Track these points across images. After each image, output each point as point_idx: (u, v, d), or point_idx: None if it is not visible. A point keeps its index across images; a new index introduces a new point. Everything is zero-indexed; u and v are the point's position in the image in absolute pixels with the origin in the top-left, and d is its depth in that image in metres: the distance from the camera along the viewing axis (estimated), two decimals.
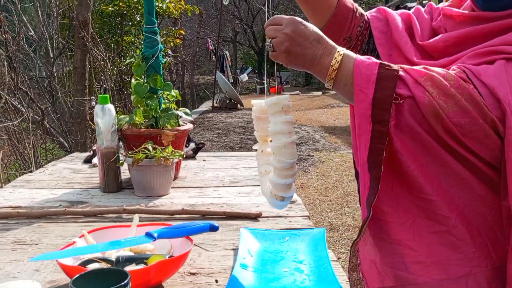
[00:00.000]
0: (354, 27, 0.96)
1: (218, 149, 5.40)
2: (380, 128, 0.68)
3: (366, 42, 0.97)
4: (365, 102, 0.69)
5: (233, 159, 2.09)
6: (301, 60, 0.77)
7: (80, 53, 4.52)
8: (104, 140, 1.47)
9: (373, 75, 0.69)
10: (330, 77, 0.74)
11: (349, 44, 0.97)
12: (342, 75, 0.73)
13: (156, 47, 1.56)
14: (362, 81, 0.70)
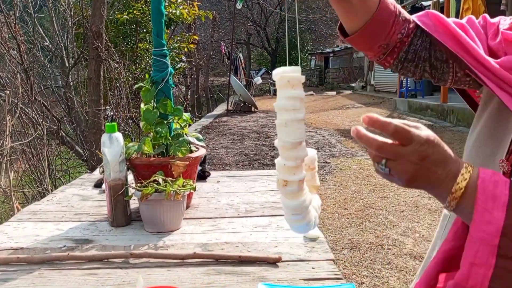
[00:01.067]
0: (394, 33, 0.83)
1: (233, 156, 5.32)
2: (508, 267, 0.54)
3: (405, 51, 0.86)
4: (492, 226, 0.55)
5: (248, 179, 2.00)
6: (422, 184, 0.62)
7: (95, 64, 4.49)
8: (111, 171, 1.39)
9: (504, 196, 0.56)
10: (450, 205, 0.60)
11: (384, 51, 0.86)
12: (464, 199, 0.59)
13: (165, 71, 1.48)
14: (488, 200, 0.56)
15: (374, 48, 0.86)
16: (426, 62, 0.86)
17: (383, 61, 0.89)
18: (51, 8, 5.43)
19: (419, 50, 0.86)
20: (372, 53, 0.88)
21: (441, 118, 8.81)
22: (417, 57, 0.86)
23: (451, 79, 0.86)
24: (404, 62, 0.87)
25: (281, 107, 0.78)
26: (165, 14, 5.03)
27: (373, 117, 0.61)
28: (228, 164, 4.87)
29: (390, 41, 0.84)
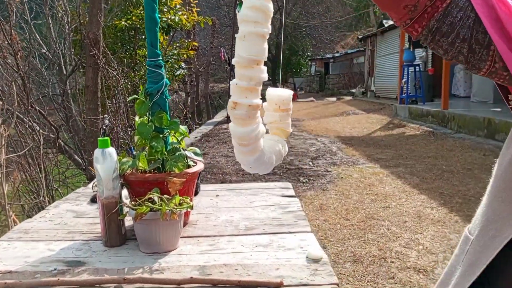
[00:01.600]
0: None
1: (233, 165, 5.26)
2: None
3: (438, 19, 0.72)
4: None
5: (248, 193, 1.94)
6: None
7: (92, 72, 4.44)
8: (104, 188, 1.33)
9: None
10: None
11: (412, 15, 0.72)
12: None
13: (161, 82, 1.42)
14: None
15: (399, 9, 0.72)
16: (465, 43, 0.72)
17: (409, 29, 0.75)
18: (48, 15, 5.39)
19: (458, 25, 0.71)
20: (396, 16, 0.74)
21: (442, 125, 8.76)
22: (454, 34, 0.72)
23: (487, 69, 0.73)
24: (436, 35, 0.73)
25: (242, 18, 0.70)
26: (164, 21, 4.96)
27: None
28: (228, 173, 4.81)
29: (419, 2, 0.70)
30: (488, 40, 0.70)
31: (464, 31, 0.71)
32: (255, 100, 0.75)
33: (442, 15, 0.71)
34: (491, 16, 0.69)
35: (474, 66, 0.74)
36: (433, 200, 3.84)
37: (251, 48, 0.70)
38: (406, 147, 6.83)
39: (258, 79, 0.74)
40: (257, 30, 0.70)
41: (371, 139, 8.02)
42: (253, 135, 0.76)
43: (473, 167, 5.07)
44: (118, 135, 4.63)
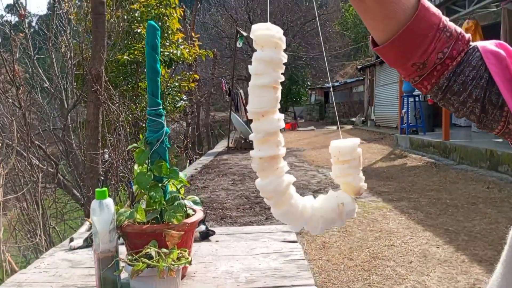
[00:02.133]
0: (434, 51, 0.67)
1: (234, 199, 5.19)
2: None
3: (448, 77, 0.69)
4: None
5: (249, 238, 1.89)
6: None
7: (93, 107, 4.44)
8: (101, 242, 1.29)
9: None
10: None
11: (420, 73, 0.70)
12: None
13: (161, 131, 1.40)
14: None
15: (407, 66, 0.70)
16: (477, 103, 0.69)
17: (418, 85, 0.73)
18: (51, 50, 5.45)
19: (470, 84, 0.69)
20: (405, 72, 0.72)
21: (444, 156, 8.72)
22: (466, 93, 0.69)
23: (500, 129, 0.71)
24: (447, 93, 0.71)
25: (250, 71, 0.69)
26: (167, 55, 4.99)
27: None
28: (229, 208, 4.74)
29: (428, 60, 0.68)
30: (502, 101, 0.68)
31: (477, 91, 0.68)
32: (264, 153, 0.72)
33: (453, 73, 0.69)
34: (505, 76, 0.66)
35: (486, 126, 0.72)
36: (439, 237, 3.76)
37: (253, 101, 0.69)
38: (408, 179, 6.77)
39: (266, 131, 0.71)
40: (257, 82, 0.68)
41: (373, 170, 7.97)
42: (271, 188, 0.72)
43: (478, 201, 5.00)
44: (118, 169, 4.59)
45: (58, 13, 5.67)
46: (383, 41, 0.70)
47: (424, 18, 0.66)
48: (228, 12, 24.15)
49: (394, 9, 0.66)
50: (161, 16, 6.72)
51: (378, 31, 0.70)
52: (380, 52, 0.72)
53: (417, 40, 0.67)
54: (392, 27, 0.68)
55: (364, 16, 0.70)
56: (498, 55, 0.68)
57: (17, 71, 5.30)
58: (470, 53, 0.69)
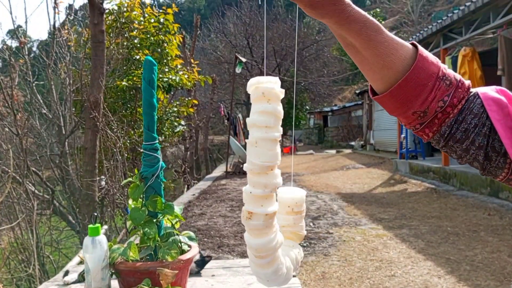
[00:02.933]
0: (434, 100, 0.67)
1: (231, 227, 5.12)
2: None
3: (449, 125, 0.68)
4: None
5: (246, 272, 1.84)
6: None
7: (91, 134, 4.43)
8: (92, 280, 1.25)
9: None
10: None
11: (422, 120, 0.69)
12: None
13: (156, 165, 1.37)
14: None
15: (407, 115, 0.69)
16: (480, 150, 0.68)
17: (420, 132, 0.72)
18: (50, 77, 5.47)
19: (472, 132, 0.68)
20: (405, 120, 0.72)
21: (444, 181, 8.68)
22: (469, 141, 0.68)
23: (504, 176, 0.70)
24: (449, 141, 0.70)
25: (252, 123, 0.66)
26: (166, 81, 5.01)
27: None
28: (226, 236, 4.67)
29: (428, 108, 0.67)
30: (505, 149, 0.67)
31: (480, 138, 0.68)
32: (271, 208, 0.70)
33: (454, 121, 0.68)
34: (506, 124, 0.65)
35: (490, 173, 0.71)
36: (440, 267, 3.69)
37: (264, 154, 0.67)
38: (408, 205, 6.71)
39: (273, 186, 0.69)
40: (269, 135, 0.67)
41: (373, 196, 7.91)
42: (271, 246, 0.70)
43: (479, 228, 4.94)
44: (114, 196, 4.55)
45: (57, 40, 5.72)
46: (381, 91, 0.70)
47: (423, 68, 0.66)
48: (227, 38, 24.46)
49: (392, 60, 0.66)
50: (161, 42, 6.78)
51: (376, 81, 0.70)
52: (379, 101, 0.71)
53: (417, 89, 0.66)
54: (390, 77, 0.67)
55: (361, 66, 0.69)
56: (499, 102, 0.67)
57: (16, 97, 5.31)
58: (471, 100, 0.69)
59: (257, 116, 0.67)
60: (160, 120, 7.02)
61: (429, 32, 9.37)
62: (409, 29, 29.11)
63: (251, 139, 0.67)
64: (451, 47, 9.17)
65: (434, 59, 0.68)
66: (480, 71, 8.16)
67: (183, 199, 7.74)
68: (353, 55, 0.69)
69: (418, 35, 10.14)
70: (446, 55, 9.12)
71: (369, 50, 0.66)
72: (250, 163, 0.67)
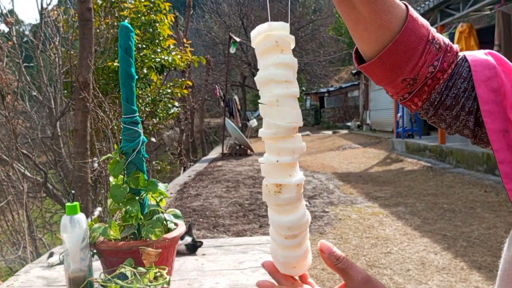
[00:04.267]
0: (424, 65, 0.63)
1: (227, 207, 5.09)
2: None
3: (439, 92, 0.65)
4: None
5: (238, 250, 1.79)
6: None
7: (81, 115, 4.34)
8: (71, 261, 1.19)
9: None
10: None
11: (411, 89, 0.65)
12: None
13: (137, 140, 1.30)
14: None
15: (396, 83, 0.65)
16: (471, 115, 0.64)
17: (408, 102, 0.68)
18: (39, 58, 5.35)
19: (462, 97, 0.64)
20: (393, 90, 0.67)
21: (440, 160, 8.66)
22: (459, 106, 0.64)
23: None
24: (439, 108, 0.66)
25: (269, 79, 0.56)
26: (158, 61, 4.87)
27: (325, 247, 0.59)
28: (222, 216, 4.63)
29: (418, 74, 0.63)
30: None
31: (469, 103, 0.64)
32: (300, 176, 0.60)
33: (445, 87, 0.64)
34: (491, 86, 0.61)
35: (482, 140, 0.67)
36: (436, 243, 3.67)
37: (289, 113, 0.57)
38: (405, 183, 6.69)
39: (300, 150, 0.60)
40: (291, 91, 0.58)
41: (369, 175, 7.89)
42: (304, 221, 0.59)
43: (475, 205, 4.92)
44: (108, 178, 4.48)
45: (46, 20, 5.57)
46: (372, 55, 0.65)
47: (414, 30, 0.62)
48: (222, 19, 24.13)
49: (389, 19, 0.61)
50: (152, 22, 6.63)
51: (369, 44, 0.64)
52: (368, 68, 0.66)
53: (407, 53, 0.62)
54: (386, 38, 0.62)
55: (355, 26, 0.63)
56: (486, 63, 0.63)
57: (4, 79, 5.19)
58: (460, 64, 0.65)
59: (273, 69, 0.57)
60: (153, 101, 6.93)
61: (426, 8, 9.22)
62: None
63: (271, 98, 0.57)
64: (448, 24, 9.04)
65: (424, 21, 0.64)
66: (477, 47, 8.04)
67: (178, 180, 7.70)
68: (348, 12, 0.62)
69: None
70: (443, 32, 8.99)
71: (367, 6, 0.60)
72: (274, 126, 0.57)
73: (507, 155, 0.58)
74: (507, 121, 0.58)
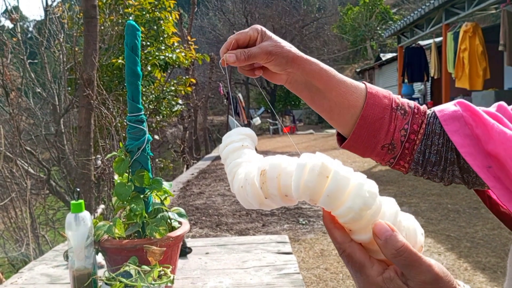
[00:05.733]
0: (396, 130, 0.71)
1: (230, 205, 5.08)
2: None
3: (421, 152, 0.71)
4: None
5: (241, 249, 1.79)
6: None
7: (85, 112, 4.34)
8: (76, 259, 1.19)
9: None
10: None
11: (393, 154, 0.72)
12: None
13: (142, 139, 1.30)
14: None
15: (377, 151, 0.73)
16: (454, 165, 0.71)
17: (396, 166, 0.75)
18: (43, 55, 5.36)
19: (443, 151, 0.70)
20: (379, 158, 0.74)
21: None
22: (442, 160, 0.70)
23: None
24: (426, 166, 0.72)
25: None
26: (162, 58, 4.86)
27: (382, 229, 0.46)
28: (225, 214, 4.63)
29: (393, 139, 0.71)
30: None
31: (450, 154, 0.70)
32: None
33: (425, 147, 0.71)
34: (464, 133, 0.66)
35: (475, 183, 0.72)
36: (440, 244, 3.65)
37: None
38: (408, 183, 6.67)
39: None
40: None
41: (372, 174, 7.87)
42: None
43: (479, 205, 4.90)
44: (111, 175, 4.49)
45: (50, 17, 5.58)
46: (347, 133, 0.74)
47: (375, 104, 0.70)
48: (226, 16, 24.09)
49: (355, 98, 0.71)
50: (156, 19, 6.63)
51: (347, 125, 0.73)
52: (349, 145, 0.74)
53: (376, 123, 0.70)
54: (352, 116, 0.72)
55: (331, 114, 0.73)
56: (454, 114, 0.68)
57: (8, 75, 5.20)
58: (432, 122, 0.72)
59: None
60: (157, 99, 6.92)
61: (431, 7, 9.17)
62: (411, 6, 28.65)
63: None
64: (453, 23, 8.99)
65: (385, 92, 0.72)
66: (482, 46, 8.00)
67: (181, 178, 7.70)
68: (322, 103, 0.72)
69: (420, 11, 9.94)
70: (448, 31, 8.95)
71: (333, 91, 0.70)
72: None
73: (501, 186, 0.61)
74: (487, 159, 0.62)
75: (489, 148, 0.61)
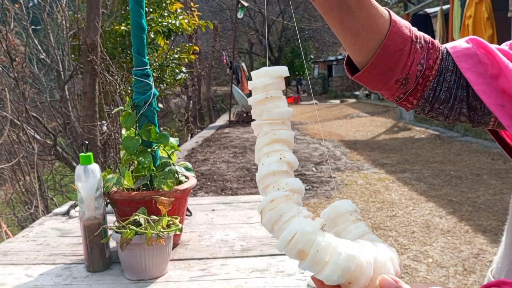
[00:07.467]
0: (413, 64, 0.68)
1: (234, 172, 5.14)
2: None
3: (432, 88, 0.69)
4: None
5: (247, 206, 1.83)
6: None
7: (89, 78, 4.34)
8: (86, 209, 1.22)
9: None
10: None
11: (405, 89, 0.70)
12: None
13: (148, 93, 1.31)
14: None
15: (390, 85, 0.70)
16: (463, 103, 0.70)
17: (404, 102, 0.73)
18: (46, 21, 5.31)
19: (453, 88, 0.69)
20: (389, 92, 0.72)
21: (448, 128, 8.61)
22: (452, 97, 0.69)
23: (494, 121, 0.70)
24: (435, 103, 0.70)
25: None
26: (165, 25, 4.81)
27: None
28: (229, 180, 4.69)
29: (409, 73, 0.68)
30: None
31: (460, 91, 0.69)
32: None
33: (437, 83, 0.69)
34: (477, 71, 0.66)
35: (480, 122, 0.72)
36: (442, 208, 3.70)
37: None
38: (412, 151, 6.69)
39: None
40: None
41: (376, 143, 7.88)
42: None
43: (482, 172, 4.93)
44: (117, 141, 4.53)
45: None
46: (362, 62, 0.71)
47: (398, 33, 0.67)
48: None
49: (382, 23, 0.67)
50: None
51: (368, 53, 0.69)
52: (363, 75, 0.71)
53: (396, 55, 0.67)
54: (374, 45, 0.68)
55: (355, 39, 0.68)
56: (467, 51, 0.67)
57: (12, 42, 5.17)
58: (445, 58, 0.70)
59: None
60: (161, 67, 6.88)
61: None
62: None
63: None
64: None
65: (406, 23, 0.69)
66: (488, 13, 7.82)
67: (186, 146, 7.75)
68: (350, 24, 0.67)
69: None
70: None
71: (364, 11, 0.65)
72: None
73: (510, 122, 0.62)
74: (501, 97, 0.62)
75: (505, 87, 0.61)
